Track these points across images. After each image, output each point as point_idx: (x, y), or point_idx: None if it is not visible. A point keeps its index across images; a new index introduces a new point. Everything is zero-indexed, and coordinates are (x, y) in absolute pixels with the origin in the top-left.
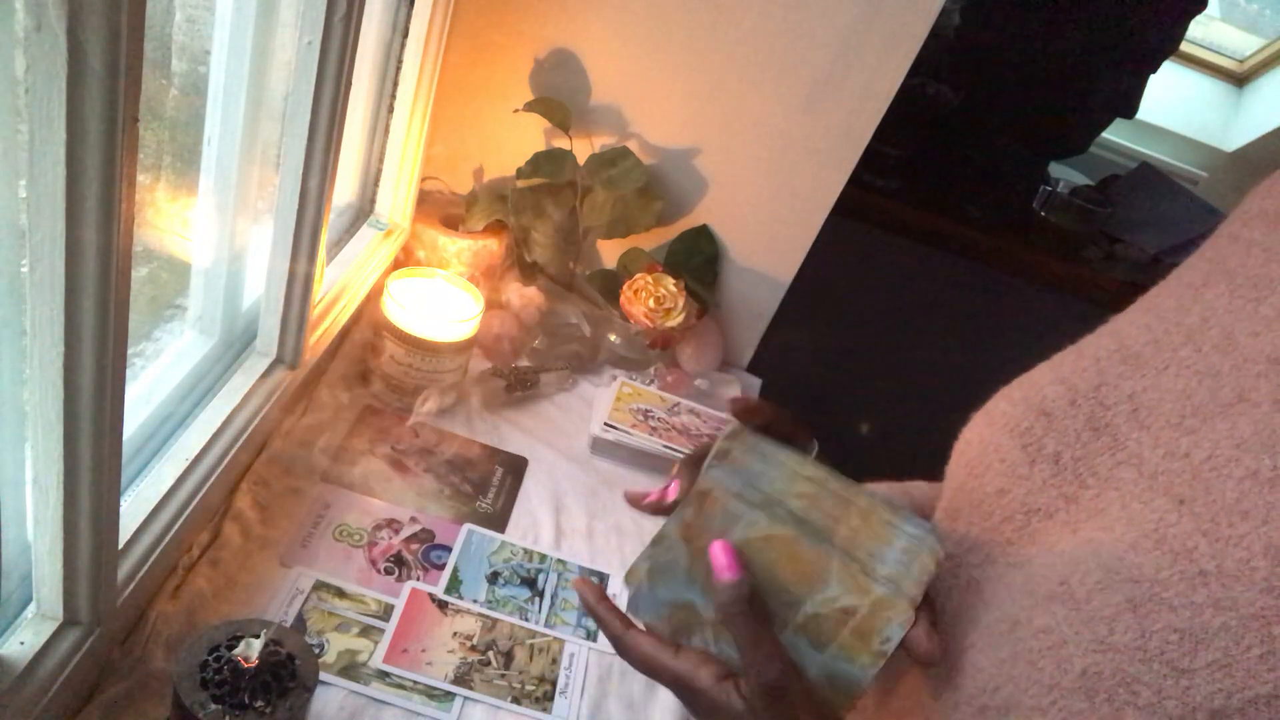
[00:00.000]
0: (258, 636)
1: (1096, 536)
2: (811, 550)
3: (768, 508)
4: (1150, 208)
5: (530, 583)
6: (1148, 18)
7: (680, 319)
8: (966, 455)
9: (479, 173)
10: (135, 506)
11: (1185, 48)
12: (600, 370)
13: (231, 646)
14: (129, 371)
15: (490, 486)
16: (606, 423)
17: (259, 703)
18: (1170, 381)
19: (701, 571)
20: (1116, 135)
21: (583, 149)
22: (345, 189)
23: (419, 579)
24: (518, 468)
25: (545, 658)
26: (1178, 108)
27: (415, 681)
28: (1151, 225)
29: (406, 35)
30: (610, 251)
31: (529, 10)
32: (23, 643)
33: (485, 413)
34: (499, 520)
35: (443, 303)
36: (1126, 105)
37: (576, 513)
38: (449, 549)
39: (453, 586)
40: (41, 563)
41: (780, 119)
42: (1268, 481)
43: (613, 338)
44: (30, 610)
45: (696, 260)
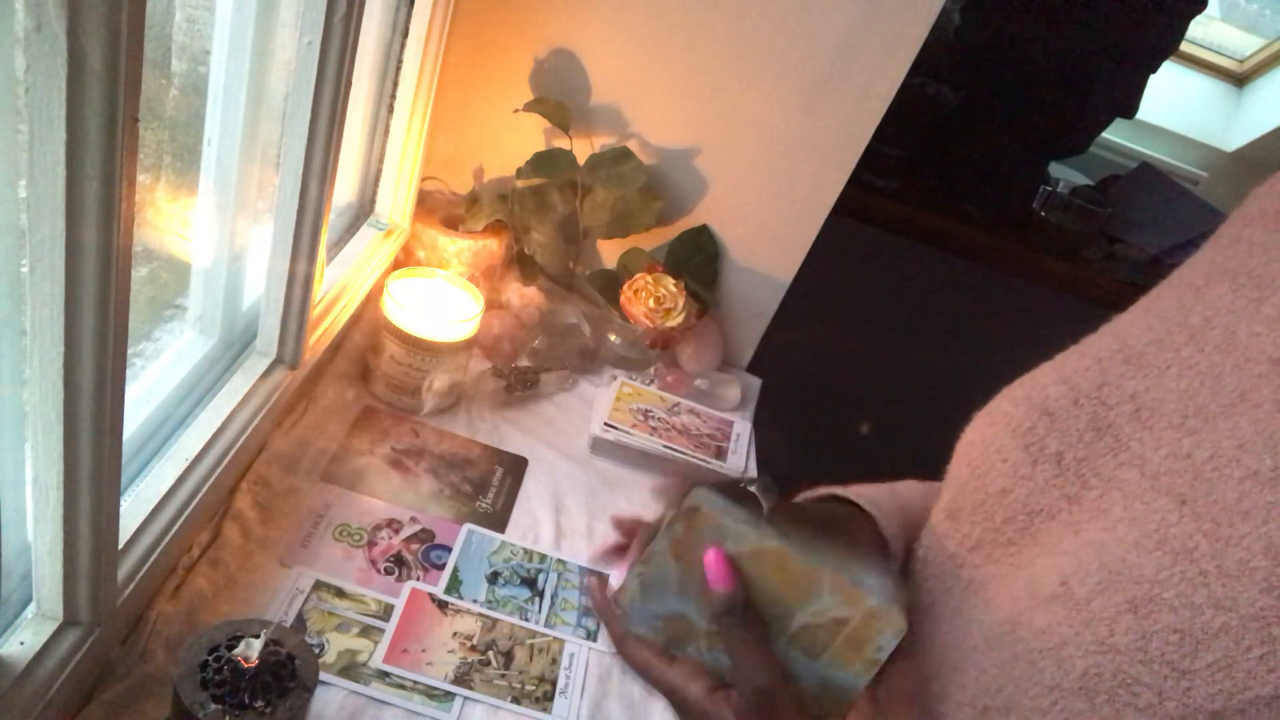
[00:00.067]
0: (258, 636)
1: (1098, 537)
2: (802, 563)
3: (755, 525)
4: (1150, 208)
5: (530, 583)
6: (1148, 18)
7: (680, 319)
8: (969, 455)
9: (479, 173)
10: (135, 506)
11: (1185, 48)
12: (600, 370)
13: (231, 646)
14: (129, 371)
15: (490, 486)
16: (606, 423)
17: (259, 703)
18: (1172, 382)
19: (694, 583)
20: (1116, 135)
21: (583, 149)
22: (345, 189)
23: (419, 579)
24: (518, 468)
25: (545, 658)
26: (1178, 108)
27: (415, 681)
28: (1151, 225)
29: (406, 35)
30: (610, 251)
31: (529, 10)
32: (23, 643)
33: (485, 413)
34: (499, 520)
35: (443, 303)
36: (1126, 105)
37: (576, 513)
38: (449, 549)
39: (453, 586)
40: (41, 563)
41: (780, 119)
42: (1269, 482)
43: (613, 338)
44: (30, 610)
45: (696, 260)
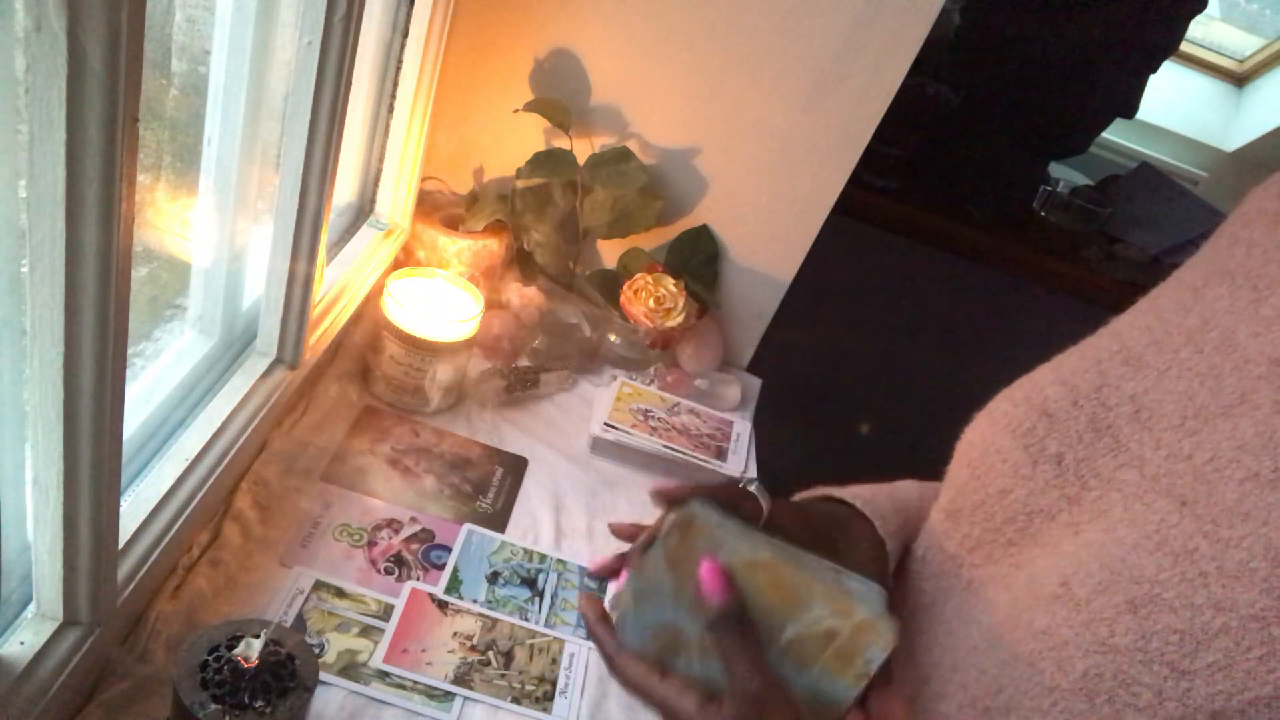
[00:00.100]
0: (258, 636)
1: (1098, 538)
2: (794, 575)
3: (748, 537)
4: (1150, 208)
5: (530, 583)
6: (1148, 18)
7: (680, 319)
8: (969, 456)
9: (479, 173)
10: (135, 506)
11: (1185, 48)
12: (600, 370)
13: (231, 646)
14: (129, 371)
15: (490, 486)
16: (606, 423)
17: (259, 703)
18: (1172, 383)
19: (688, 594)
20: (1116, 135)
21: (583, 149)
22: (345, 189)
23: (419, 579)
24: (518, 468)
25: (545, 658)
26: (1178, 108)
27: (415, 681)
28: (1151, 225)
29: (406, 35)
30: (610, 251)
31: (529, 10)
32: (23, 643)
33: (485, 413)
34: (499, 520)
35: (443, 303)
36: (1126, 105)
37: (576, 513)
38: (449, 549)
39: (453, 586)
40: (41, 563)
41: (780, 119)
42: (1268, 483)
43: (613, 338)
44: (30, 610)
45: (696, 260)
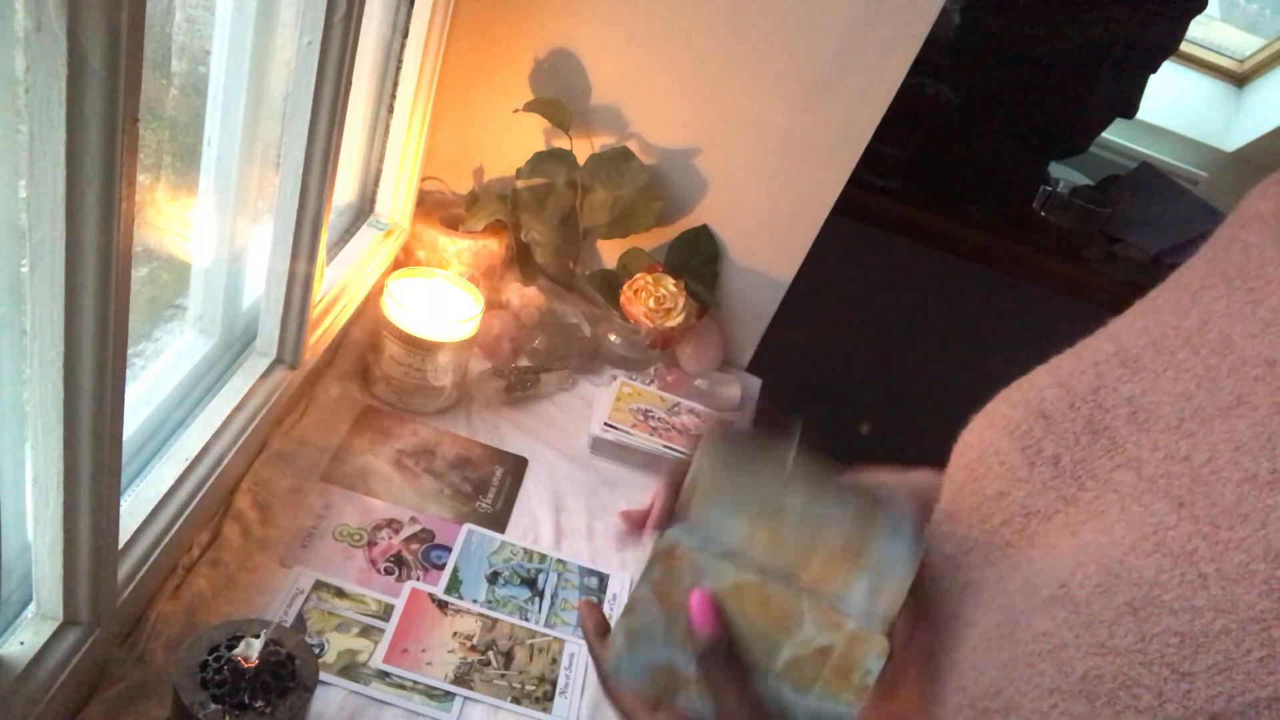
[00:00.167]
0: (258, 636)
1: (1096, 539)
2: (781, 594)
3: (731, 558)
4: (1150, 208)
5: (530, 583)
6: (1148, 18)
7: (680, 319)
8: (966, 458)
9: (479, 173)
10: (135, 506)
11: (1185, 48)
12: (600, 370)
13: (231, 646)
14: (129, 371)
15: (490, 486)
16: (606, 423)
17: (259, 703)
18: (1169, 384)
19: (679, 629)
20: (1116, 135)
21: (583, 149)
22: (345, 189)
23: (419, 579)
24: (518, 468)
25: (545, 658)
26: (1178, 108)
27: (415, 681)
28: (1151, 225)
29: (406, 35)
30: (610, 251)
31: (529, 10)
32: (23, 643)
33: (485, 413)
34: (499, 520)
35: (443, 303)
36: (1126, 105)
37: (576, 513)
38: (449, 549)
39: (453, 586)
40: (41, 563)
41: (780, 119)
42: (1266, 484)
43: (613, 338)
44: (30, 610)
45: (696, 260)
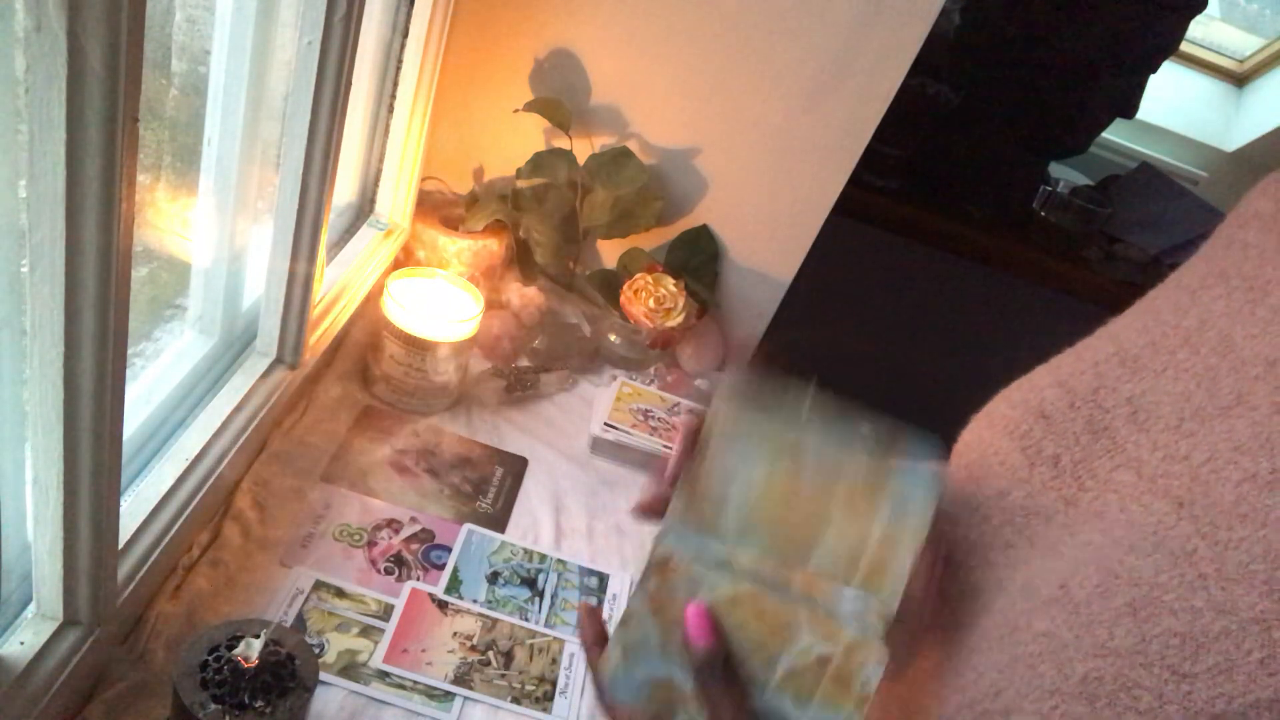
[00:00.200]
0: (258, 636)
1: (1095, 539)
2: (777, 603)
3: (726, 567)
4: (1150, 208)
5: (530, 583)
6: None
7: (680, 319)
8: (966, 458)
9: (479, 173)
10: (135, 506)
11: (1185, 48)
12: (600, 370)
13: (231, 646)
14: (129, 371)
15: (490, 486)
16: (606, 423)
17: (259, 703)
18: (1168, 384)
19: (675, 643)
20: (1116, 135)
21: (583, 149)
22: (345, 189)
23: (419, 579)
24: (518, 468)
25: (545, 658)
26: (1178, 108)
27: (415, 681)
28: (1151, 225)
29: (406, 35)
30: (610, 251)
31: (529, 10)
32: (23, 643)
33: (485, 413)
34: (499, 520)
35: (443, 303)
36: (1126, 105)
37: (576, 513)
38: (449, 549)
39: (453, 586)
40: (41, 563)
41: (780, 119)
42: (1266, 484)
43: (613, 338)
44: (30, 610)
45: (696, 260)
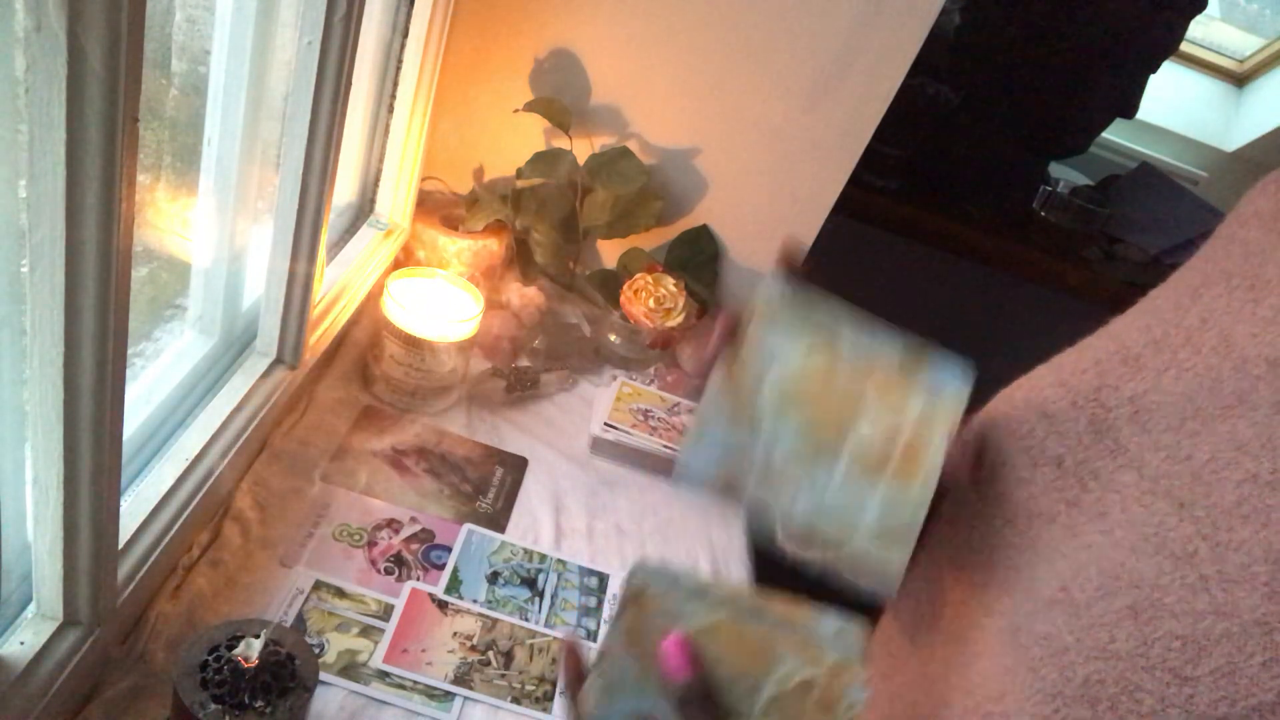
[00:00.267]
0: (258, 636)
1: (1096, 540)
2: (756, 630)
3: (701, 596)
4: (1150, 208)
5: (530, 583)
6: (1148, 18)
7: (680, 319)
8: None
9: (479, 173)
10: (135, 506)
11: (1185, 48)
12: (600, 370)
13: (231, 646)
14: (129, 371)
15: (490, 486)
16: (606, 423)
17: (259, 703)
18: (1170, 384)
19: (654, 677)
20: (1116, 135)
21: (583, 149)
22: (345, 189)
23: (419, 579)
24: (518, 468)
25: (545, 658)
26: (1178, 108)
27: (415, 681)
28: (1151, 225)
29: (406, 35)
30: (610, 251)
31: (529, 10)
32: (23, 643)
33: (485, 413)
34: (499, 520)
35: (443, 303)
36: (1126, 105)
37: (576, 513)
38: (449, 549)
39: (453, 586)
40: (41, 563)
41: (780, 119)
42: (1268, 485)
43: (613, 338)
44: (30, 610)
45: (696, 260)
